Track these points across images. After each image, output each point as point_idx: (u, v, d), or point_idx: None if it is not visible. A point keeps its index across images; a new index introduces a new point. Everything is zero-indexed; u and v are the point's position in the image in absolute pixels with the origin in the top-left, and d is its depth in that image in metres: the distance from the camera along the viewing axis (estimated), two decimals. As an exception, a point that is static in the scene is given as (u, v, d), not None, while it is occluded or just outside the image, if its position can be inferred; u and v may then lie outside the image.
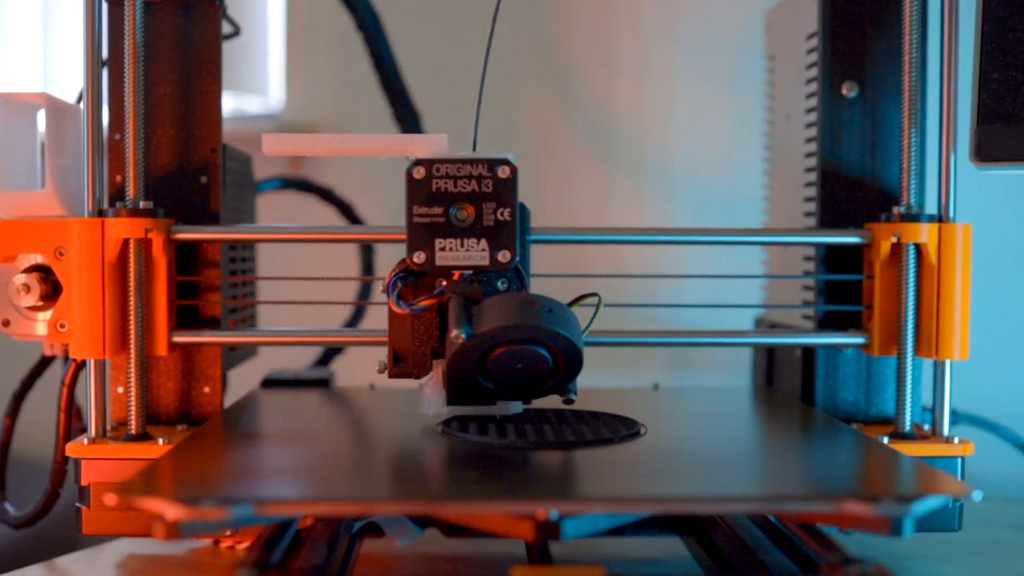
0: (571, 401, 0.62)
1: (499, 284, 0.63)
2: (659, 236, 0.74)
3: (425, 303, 0.62)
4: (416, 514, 0.60)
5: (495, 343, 0.58)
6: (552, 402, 0.67)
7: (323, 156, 1.26)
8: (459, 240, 0.61)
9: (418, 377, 0.64)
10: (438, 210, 0.61)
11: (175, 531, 0.46)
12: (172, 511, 0.45)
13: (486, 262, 0.61)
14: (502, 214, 0.61)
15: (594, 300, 0.62)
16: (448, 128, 0.66)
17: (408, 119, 0.89)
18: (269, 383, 0.82)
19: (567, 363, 0.59)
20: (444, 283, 0.62)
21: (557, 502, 0.48)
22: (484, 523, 0.50)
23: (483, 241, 0.61)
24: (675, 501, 0.51)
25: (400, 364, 0.64)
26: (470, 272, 0.62)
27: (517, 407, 0.64)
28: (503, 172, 0.61)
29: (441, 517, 0.56)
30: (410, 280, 0.63)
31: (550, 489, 0.54)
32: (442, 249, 0.61)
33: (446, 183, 0.61)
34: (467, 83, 1.13)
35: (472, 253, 0.61)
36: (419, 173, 0.61)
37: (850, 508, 0.47)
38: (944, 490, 0.50)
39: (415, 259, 0.61)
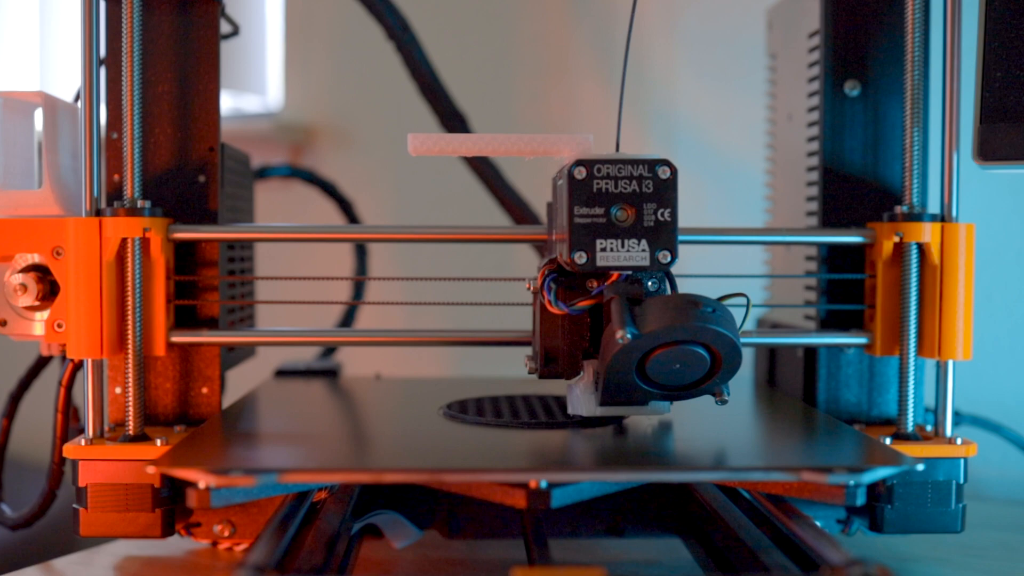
0: (725, 401, 0.62)
1: (650, 284, 0.63)
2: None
3: (585, 303, 0.62)
4: (420, 483, 0.62)
5: (661, 343, 0.58)
6: (553, 387, 0.70)
7: (324, 156, 1.26)
8: (620, 240, 0.61)
9: (569, 377, 0.64)
10: (599, 210, 0.61)
11: (207, 499, 0.53)
12: (205, 479, 0.52)
13: (646, 263, 0.61)
14: (662, 215, 0.61)
15: (742, 300, 0.63)
16: (489, 127, 0.65)
17: (454, 121, 0.89)
18: (282, 373, 0.87)
19: (725, 363, 0.59)
20: (596, 284, 0.62)
21: (547, 472, 0.54)
22: (481, 492, 0.55)
23: (643, 241, 0.61)
24: (652, 469, 0.58)
25: (552, 364, 0.64)
26: (628, 272, 0.62)
27: (666, 408, 0.65)
28: (663, 172, 0.61)
29: (443, 486, 0.58)
30: (561, 280, 0.63)
31: (541, 462, 0.59)
32: (603, 249, 0.61)
33: (607, 183, 0.61)
34: (485, 81, 1.14)
35: (632, 253, 0.61)
36: (580, 173, 0.61)
37: (806, 477, 0.54)
38: (892, 461, 0.56)
39: (576, 259, 0.60)
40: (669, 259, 0.61)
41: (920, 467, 0.56)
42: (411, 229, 0.70)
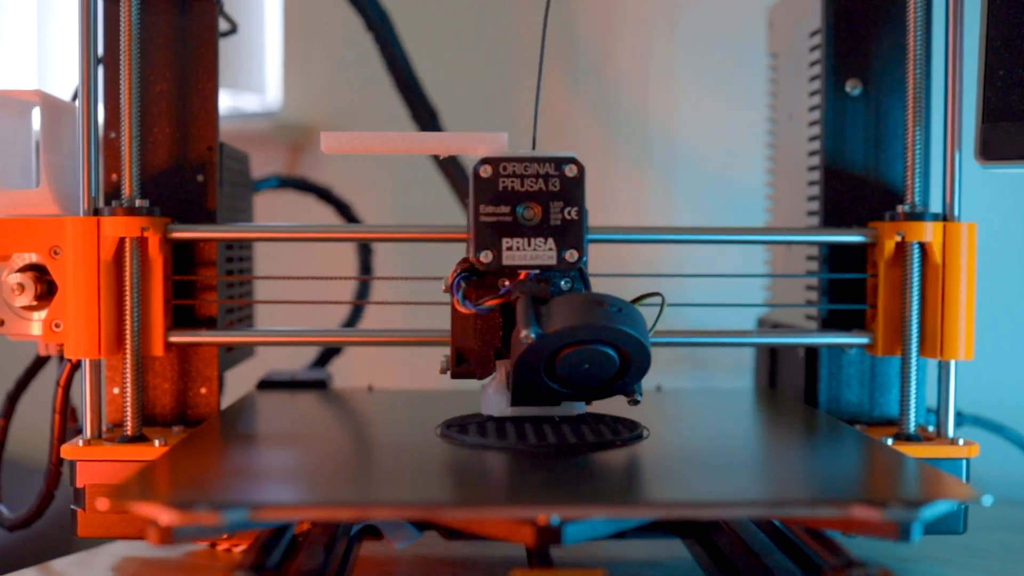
0: (637, 402, 0.62)
1: (562, 284, 0.63)
2: (660, 235, 0.74)
3: (492, 303, 0.62)
4: (415, 519, 0.61)
5: (565, 343, 0.58)
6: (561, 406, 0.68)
7: (323, 155, 1.26)
8: (526, 239, 0.61)
9: (481, 377, 0.64)
10: (505, 209, 0.61)
11: (169, 536, 0.45)
12: (166, 516, 0.45)
13: (553, 261, 0.61)
14: (569, 213, 0.61)
15: (657, 300, 0.63)
16: (463, 124, 0.65)
17: (426, 118, 0.89)
18: (265, 385, 0.82)
19: (635, 363, 0.59)
20: (507, 283, 0.62)
21: (558, 507, 0.48)
22: (484, 528, 0.50)
23: (550, 240, 0.61)
24: (678, 506, 0.51)
25: (463, 364, 0.64)
26: (536, 272, 0.62)
27: (580, 408, 0.64)
28: (570, 171, 0.61)
29: (440, 522, 0.55)
30: (472, 279, 0.63)
31: (551, 493, 0.53)
32: (509, 248, 0.61)
33: (513, 182, 0.61)
34: (472, 77, 1.13)
35: (539, 252, 0.61)
36: (486, 172, 0.61)
37: (857, 513, 0.46)
38: (953, 494, 0.50)
39: (482, 258, 0.61)
40: (576, 258, 0.61)
41: (989, 502, 0.48)
42: (411, 228, 0.70)
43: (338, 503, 0.50)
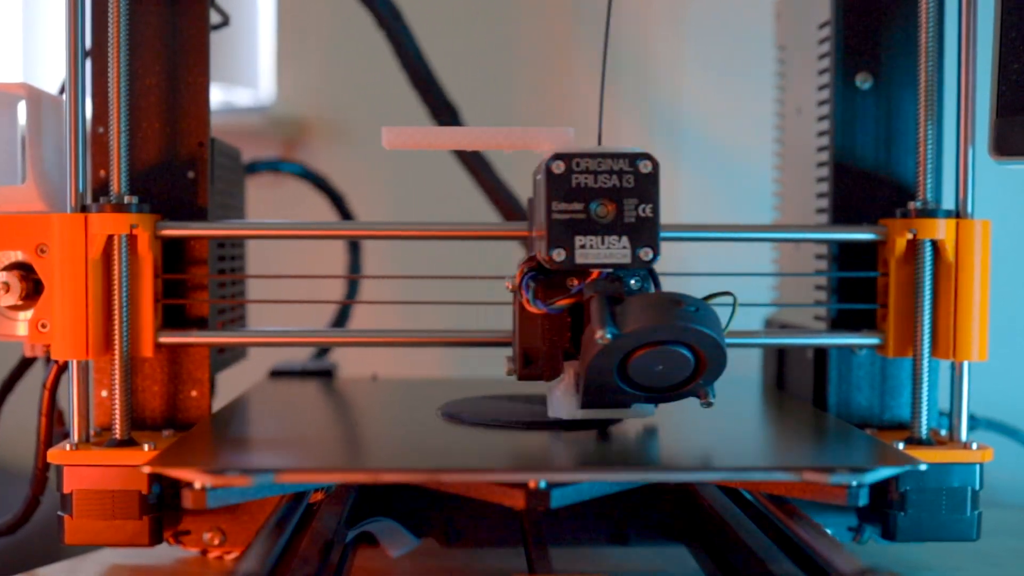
0: (710, 404, 0.61)
1: (632, 283, 0.62)
2: (664, 232, 0.74)
3: (564, 302, 0.62)
4: (419, 483, 0.62)
5: (642, 343, 0.58)
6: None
7: (316, 151, 1.26)
8: (600, 237, 0.61)
9: (550, 379, 0.64)
10: (578, 206, 0.61)
11: (203, 499, 0.53)
12: (201, 479, 0.52)
13: (627, 260, 0.61)
14: (644, 210, 0.61)
15: (728, 299, 0.62)
16: (481, 118, 0.65)
17: (446, 115, 0.89)
18: (276, 374, 0.88)
19: (710, 364, 0.59)
20: (576, 282, 0.62)
21: (546, 472, 0.54)
22: (480, 492, 0.56)
23: (624, 238, 0.61)
24: (652, 469, 0.59)
25: (531, 366, 0.64)
26: (609, 270, 0.61)
27: (650, 411, 0.64)
28: (645, 167, 0.61)
29: (441, 487, 0.58)
30: (539, 278, 0.62)
31: (541, 462, 0.60)
32: (582, 246, 0.61)
33: (586, 178, 0.61)
34: (474, 71, 1.13)
35: (613, 251, 0.61)
36: (559, 168, 0.61)
37: (808, 477, 0.54)
38: (895, 461, 0.57)
39: (555, 256, 0.60)
40: (651, 256, 0.61)
41: (923, 467, 0.56)
42: (405, 226, 0.70)
43: (352, 468, 0.59)
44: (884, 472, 0.56)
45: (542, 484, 0.53)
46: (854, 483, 0.54)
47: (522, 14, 1.17)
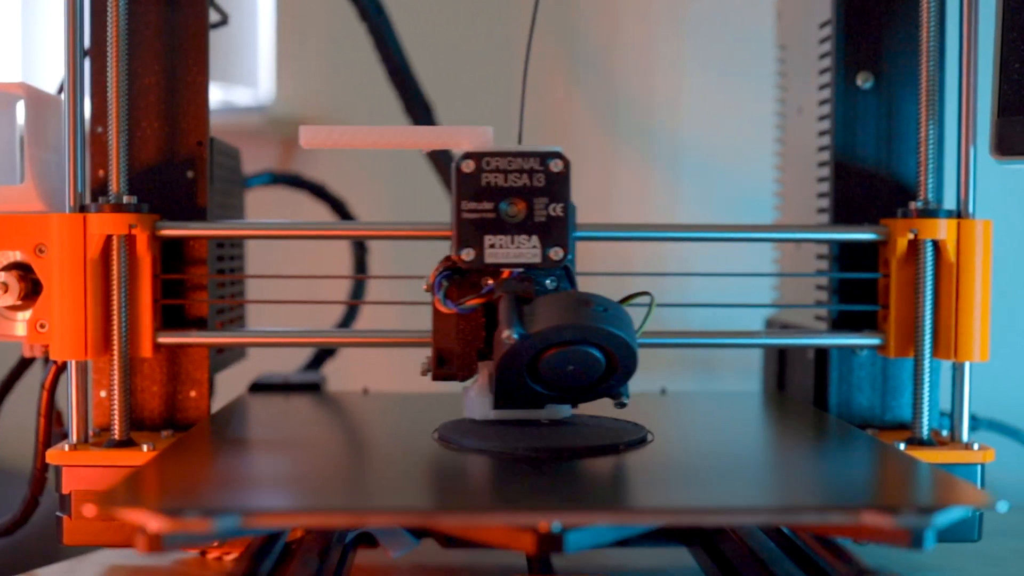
0: (623, 405, 0.61)
1: (548, 283, 0.62)
2: (665, 232, 0.74)
3: (474, 302, 0.62)
4: (412, 526, 0.61)
5: (549, 344, 0.58)
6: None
7: (317, 151, 1.26)
8: (510, 237, 0.61)
9: (463, 379, 0.64)
10: (488, 205, 0.61)
11: (158, 544, 0.45)
12: (155, 523, 0.45)
13: (538, 259, 0.61)
14: (554, 210, 0.61)
15: (646, 299, 0.62)
16: (460, 119, 0.65)
17: (420, 112, 0.89)
18: (257, 387, 0.83)
19: (621, 365, 0.59)
20: (491, 281, 0.62)
21: (559, 513, 0.48)
22: (483, 536, 0.50)
23: (534, 238, 0.61)
24: (683, 512, 0.51)
25: (445, 366, 0.64)
26: (520, 270, 0.62)
27: (566, 411, 0.64)
28: (556, 166, 0.61)
29: (438, 530, 0.55)
30: (455, 278, 0.62)
31: (552, 499, 0.53)
32: (492, 246, 0.61)
33: (496, 177, 0.61)
34: (469, 72, 1.13)
35: (523, 250, 0.61)
36: (468, 167, 0.61)
37: (868, 519, 0.46)
38: (966, 501, 0.50)
39: (464, 256, 0.61)
40: (561, 255, 0.61)
41: (1004, 508, 0.48)
42: (404, 225, 0.70)
43: (333, 510, 0.50)
44: (955, 512, 0.47)
45: (555, 527, 0.46)
46: (921, 527, 0.46)
47: (510, 15, 1.17)
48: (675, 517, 0.53)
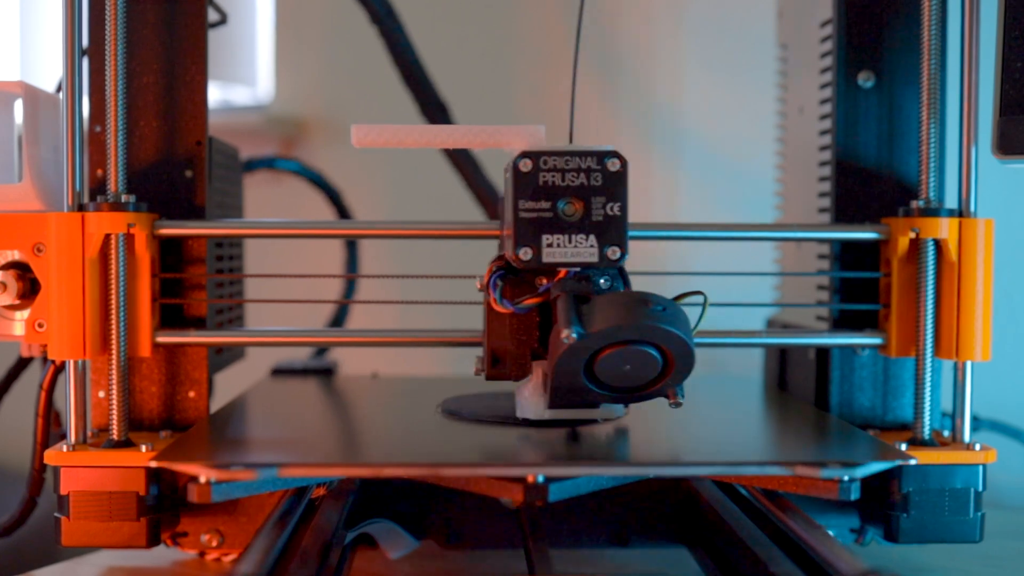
0: (679, 404, 0.61)
1: (602, 282, 0.62)
2: (666, 232, 0.74)
3: (531, 302, 0.62)
4: (419, 477, 0.63)
5: (608, 343, 0.58)
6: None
7: (315, 150, 1.26)
8: (567, 236, 0.61)
9: (517, 379, 0.64)
10: (545, 204, 0.61)
11: (207, 493, 0.54)
12: (207, 473, 0.53)
13: (595, 259, 0.61)
14: (612, 209, 0.61)
15: (699, 298, 0.62)
16: (473, 118, 0.65)
17: (435, 113, 0.89)
18: (278, 372, 0.89)
19: (678, 364, 0.59)
20: (545, 281, 0.62)
21: (544, 467, 0.56)
22: (479, 486, 0.57)
23: (592, 237, 0.61)
24: (648, 464, 0.61)
25: (499, 366, 0.64)
26: (576, 269, 0.62)
27: (620, 411, 0.64)
28: (613, 165, 0.61)
29: (441, 481, 0.60)
30: (509, 278, 0.62)
31: (539, 458, 0.60)
32: (549, 245, 0.61)
33: (554, 176, 0.61)
34: (473, 70, 1.13)
35: (580, 249, 0.61)
36: (526, 166, 0.61)
37: (800, 471, 0.55)
38: (886, 457, 0.58)
39: (521, 255, 0.60)
40: (619, 255, 0.61)
41: (913, 462, 0.58)
42: (403, 224, 0.70)
43: (354, 462, 0.60)
44: (875, 467, 0.56)
45: (540, 478, 0.54)
46: (845, 477, 0.55)
47: (519, 13, 1.17)
48: (639, 469, 0.62)
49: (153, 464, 0.56)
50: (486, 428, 0.65)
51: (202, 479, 0.54)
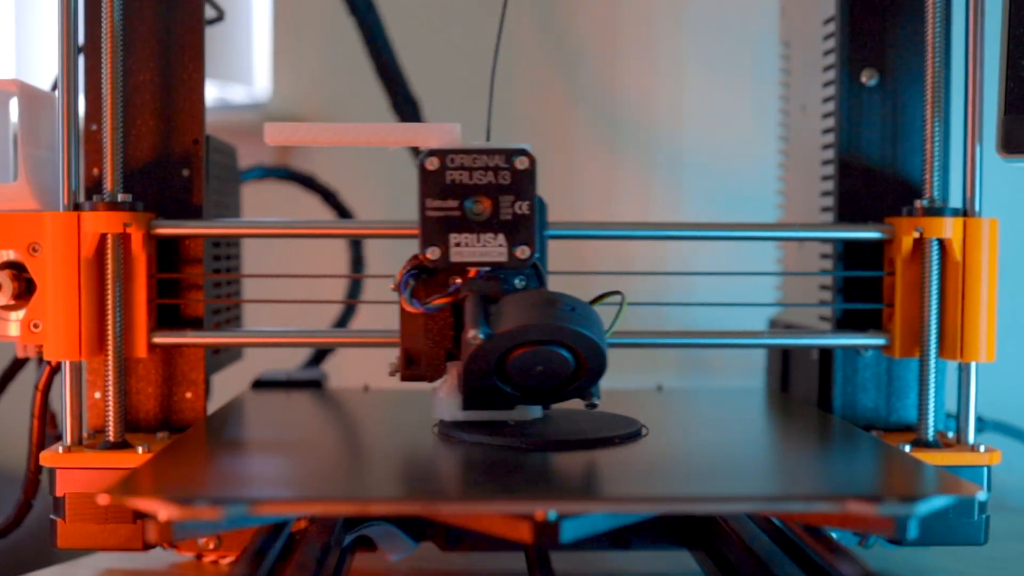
0: (594, 406, 0.61)
1: (517, 282, 0.62)
2: (668, 231, 0.74)
3: (440, 302, 0.62)
4: (412, 515, 0.61)
5: (514, 344, 0.58)
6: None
7: (313, 149, 1.26)
8: (475, 235, 0.61)
9: (432, 380, 0.64)
10: (453, 203, 0.61)
11: (168, 532, 0.47)
12: (166, 510, 0.47)
13: (504, 258, 0.61)
14: (520, 207, 0.61)
15: (617, 299, 0.62)
16: (450, 117, 0.66)
17: (406, 108, 0.89)
18: (260, 384, 0.83)
19: (590, 365, 0.59)
20: (459, 281, 0.62)
21: (556, 502, 0.49)
22: (481, 524, 0.51)
23: (500, 236, 0.61)
24: (676, 500, 0.53)
25: (413, 366, 0.63)
26: (487, 269, 0.61)
27: (536, 412, 0.64)
28: (521, 163, 0.61)
29: (438, 519, 0.57)
30: (423, 277, 0.62)
31: (549, 490, 0.55)
32: (457, 244, 0.61)
33: (461, 175, 0.61)
34: (465, 69, 1.13)
35: (489, 248, 0.61)
36: (432, 164, 0.61)
37: (852, 508, 0.48)
38: (949, 490, 0.51)
39: (429, 255, 0.61)
40: (528, 254, 0.61)
41: (982, 496, 0.53)
42: (403, 224, 0.70)
43: (337, 498, 0.52)
44: (938, 501, 0.49)
45: (551, 516, 0.47)
46: (903, 514, 0.48)
47: (513, 12, 1.17)
48: (668, 506, 0.55)
49: (102, 501, 0.48)
50: (488, 451, 0.60)
51: (161, 517, 0.47)
